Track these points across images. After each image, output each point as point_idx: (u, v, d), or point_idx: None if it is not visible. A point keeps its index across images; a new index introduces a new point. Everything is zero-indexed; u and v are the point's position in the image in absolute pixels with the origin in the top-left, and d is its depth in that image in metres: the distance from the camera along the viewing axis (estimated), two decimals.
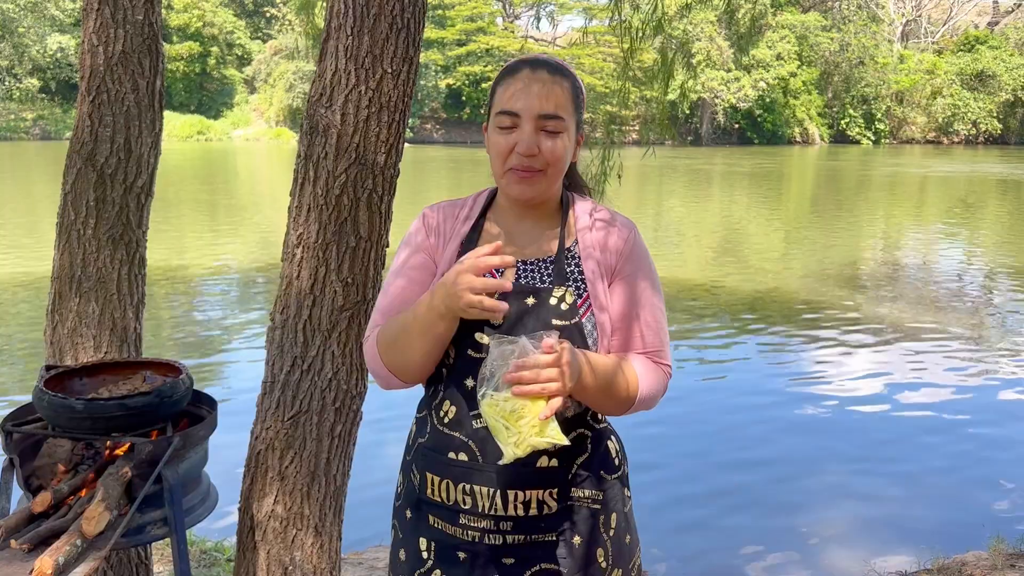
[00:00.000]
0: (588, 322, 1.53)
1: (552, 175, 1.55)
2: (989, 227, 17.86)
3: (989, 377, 7.12)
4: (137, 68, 2.41)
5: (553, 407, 1.34)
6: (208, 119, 45.47)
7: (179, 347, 7.60)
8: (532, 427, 1.33)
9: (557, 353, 1.35)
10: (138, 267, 2.53)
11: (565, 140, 1.53)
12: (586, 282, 1.56)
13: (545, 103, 1.51)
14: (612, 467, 1.62)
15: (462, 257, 1.43)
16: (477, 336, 1.50)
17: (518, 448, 1.34)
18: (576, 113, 1.56)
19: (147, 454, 1.87)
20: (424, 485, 1.58)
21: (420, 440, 1.61)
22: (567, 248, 1.60)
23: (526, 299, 1.52)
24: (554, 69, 1.55)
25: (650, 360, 1.59)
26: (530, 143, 1.50)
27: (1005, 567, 3.61)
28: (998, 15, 62.91)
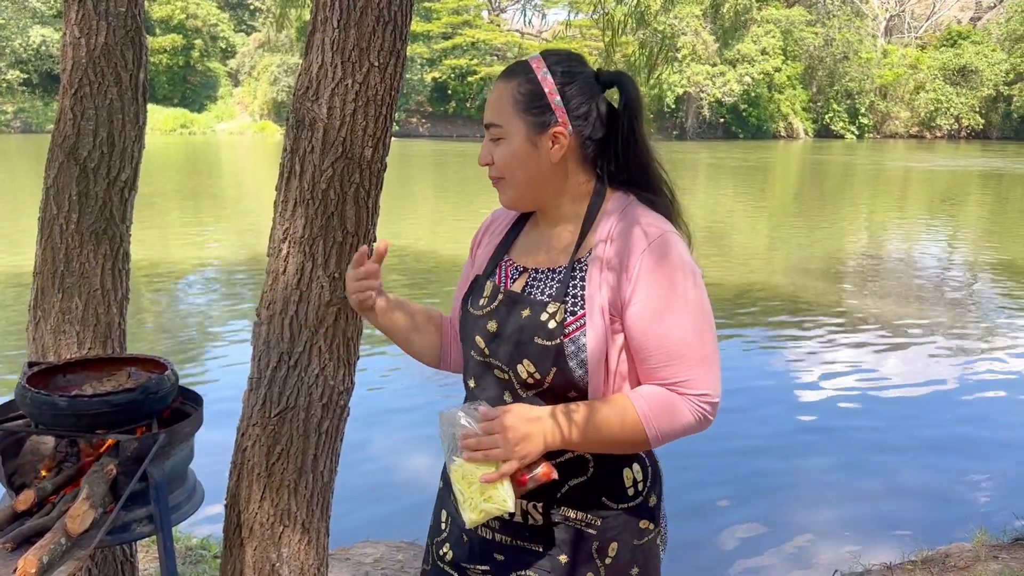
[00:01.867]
0: (573, 343, 1.42)
1: (513, 182, 1.52)
2: (971, 221, 18.00)
3: (972, 370, 7.18)
4: (120, 61, 2.38)
5: (497, 473, 1.36)
6: (192, 112, 45.16)
7: (165, 343, 7.55)
8: (479, 492, 1.36)
9: (491, 421, 1.38)
10: (122, 262, 2.50)
11: (508, 146, 1.50)
12: (584, 301, 1.45)
13: (488, 112, 1.52)
14: (622, 496, 1.50)
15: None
16: (477, 340, 1.55)
17: (473, 512, 1.38)
18: (527, 113, 1.47)
19: (132, 451, 1.85)
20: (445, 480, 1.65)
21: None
22: (579, 260, 1.49)
23: (522, 310, 1.48)
24: (508, 72, 1.53)
25: (671, 391, 1.42)
26: (482, 153, 1.54)
27: (988, 558, 3.65)
28: (980, 11, 63.31)
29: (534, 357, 1.45)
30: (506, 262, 1.61)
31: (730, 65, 47.10)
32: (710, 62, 46.61)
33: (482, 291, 1.58)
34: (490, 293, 1.56)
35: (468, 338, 1.57)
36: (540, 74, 1.49)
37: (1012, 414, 6.17)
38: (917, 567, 3.67)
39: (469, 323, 1.57)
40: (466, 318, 1.59)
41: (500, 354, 1.50)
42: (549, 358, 1.43)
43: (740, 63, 47.05)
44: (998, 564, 3.54)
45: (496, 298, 1.54)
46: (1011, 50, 51.82)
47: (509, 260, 1.61)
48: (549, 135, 1.48)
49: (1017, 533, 3.92)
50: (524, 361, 1.46)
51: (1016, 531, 3.95)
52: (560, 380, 1.44)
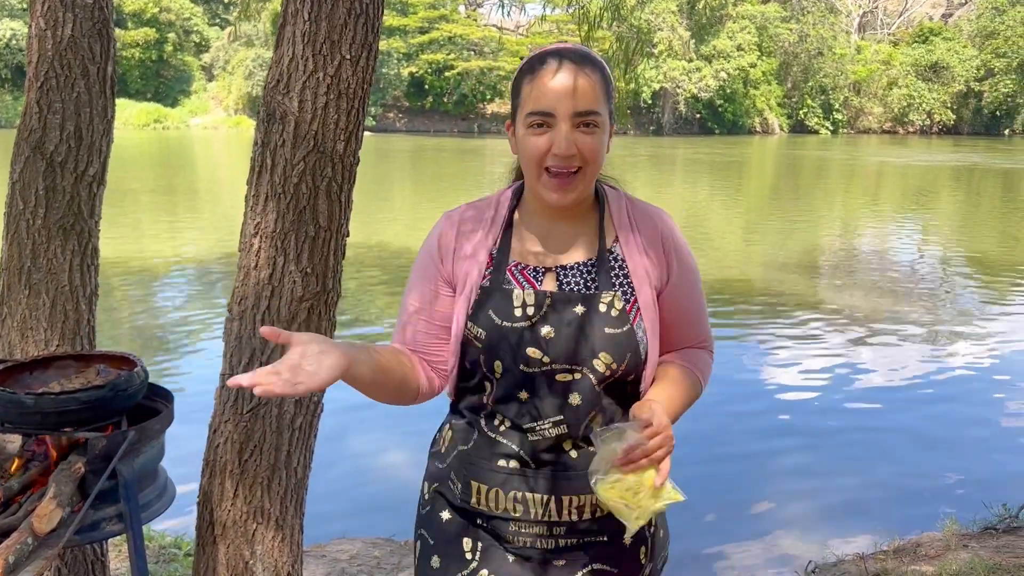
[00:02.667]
0: (639, 328, 1.47)
1: (590, 174, 1.46)
2: (944, 215, 18.23)
3: (944, 363, 7.27)
4: (87, 53, 2.34)
5: (664, 472, 1.36)
6: (165, 107, 44.64)
7: (138, 339, 7.47)
8: (650, 497, 1.36)
9: (656, 425, 1.36)
10: (91, 258, 2.47)
11: (602, 135, 1.44)
12: (632, 285, 1.49)
13: (579, 100, 1.40)
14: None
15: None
16: (530, 352, 1.45)
17: (640, 519, 1.37)
18: (608, 103, 1.46)
19: (101, 449, 1.83)
20: (468, 494, 1.53)
21: (462, 447, 1.55)
22: (608, 248, 1.52)
23: (574, 307, 1.46)
24: (582, 59, 1.44)
25: (700, 350, 1.62)
26: (568, 143, 1.40)
27: (958, 547, 3.70)
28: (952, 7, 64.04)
29: (610, 348, 1.45)
30: (516, 266, 1.52)
31: (706, 61, 47.32)
32: (686, 58, 46.80)
33: (510, 301, 1.47)
34: (532, 301, 1.47)
35: (507, 354, 1.46)
36: (606, 67, 1.48)
37: (982, 405, 6.25)
38: (889, 556, 3.71)
39: (506, 338, 1.46)
40: (497, 334, 1.46)
41: (568, 356, 1.45)
42: (624, 345, 1.45)
43: (716, 59, 47.28)
44: (968, 553, 3.59)
45: (543, 304, 1.47)
46: (981, 46, 52.49)
47: (519, 263, 1.52)
48: (612, 128, 1.50)
49: (986, 522, 3.98)
50: (601, 355, 1.45)
51: (985, 520, 4.01)
52: (631, 365, 1.47)
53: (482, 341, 1.48)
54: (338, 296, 2.26)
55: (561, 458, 1.48)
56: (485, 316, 1.48)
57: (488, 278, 1.51)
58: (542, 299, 1.47)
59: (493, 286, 1.50)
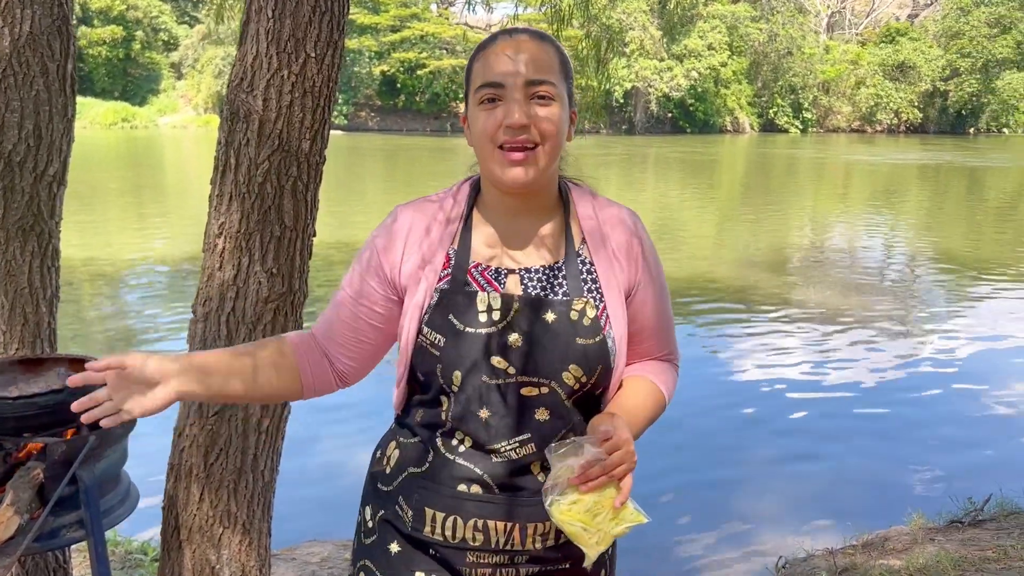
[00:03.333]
0: (608, 337, 1.37)
1: (549, 151, 1.32)
2: (911, 212, 18.48)
3: (911, 359, 7.37)
4: (46, 51, 2.29)
5: (626, 491, 1.27)
6: (133, 106, 44.04)
7: (105, 341, 7.35)
8: (610, 520, 1.27)
9: (616, 439, 1.26)
10: (51, 259, 2.42)
11: (558, 108, 1.32)
12: (602, 291, 1.39)
13: (532, 68, 1.30)
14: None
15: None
16: (495, 361, 1.33)
17: (601, 544, 1.27)
18: (566, 82, 1.36)
19: (60, 454, 1.79)
20: (421, 522, 1.38)
21: (413, 469, 1.40)
22: (577, 251, 1.41)
23: (544, 314, 1.34)
24: (535, 34, 1.36)
25: (665, 362, 1.52)
26: (520, 112, 1.29)
27: (925, 541, 3.74)
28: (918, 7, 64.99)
29: (581, 360, 1.34)
30: (476, 267, 1.39)
31: (677, 60, 47.60)
32: (658, 57, 47.04)
33: (473, 305, 1.35)
34: (499, 305, 1.35)
35: (467, 363, 1.33)
36: (562, 47, 1.39)
37: (948, 401, 6.34)
38: (858, 551, 3.75)
39: (469, 344, 1.33)
40: (458, 340, 1.34)
41: (535, 368, 1.33)
42: (595, 357, 1.35)
43: (687, 58, 47.58)
44: (934, 547, 3.64)
45: (511, 308, 1.34)
46: (947, 46, 53.34)
47: (479, 264, 1.39)
48: (571, 111, 1.40)
49: (952, 516, 4.03)
50: (571, 367, 1.33)
51: (951, 514, 4.06)
52: (601, 377, 1.37)
53: (440, 348, 1.34)
54: (305, 297, 2.24)
55: (528, 482, 1.35)
56: (444, 320, 1.35)
57: (446, 280, 1.38)
58: (509, 303, 1.35)
59: (453, 288, 1.37)
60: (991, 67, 52.16)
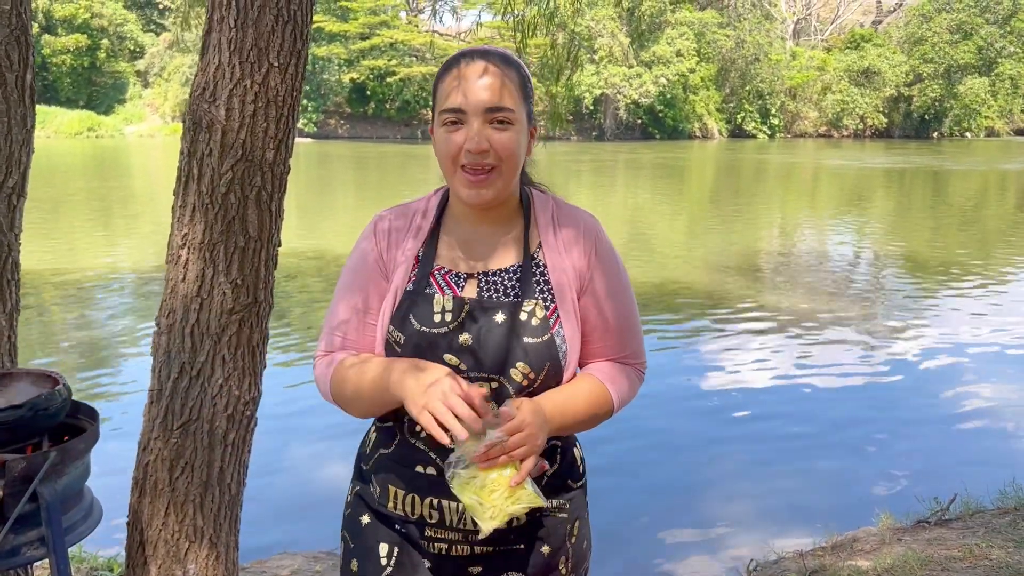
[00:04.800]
0: (557, 336, 1.46)
1: (507, 172, 1.44)
2: (877, 216, 18.74)
3: (878, 361, 7.46)
4: (4, 61, 2.26)
5: (524, 472, 1.33)
6: (98, 115, 43.49)
7: (71, 354, 7.24)
8: (506, 498, 1.33)
9: (518, 422, 1.34)
10: (11, 272, 2.38)
11: (516, 132, 1.43)
12: (554, 292, 1.48)
13: (491, 94, 1.41)
14: (577, 475, 1.60)
15: (443, 377, 1.34)
16: (446, 358, 1.44)
17: (495, 519, 1.33)
18: (526, 103, 1.46)
19: (20, 471, 1.76)
20: (385, 497, 1.53)
21: (383, 451, 1.54)
22: (532, 255, 1.51)
23: (494, 315, 1.45)
24: (499, 59, 1.45)
25: (622, 364, 1.56)
26: (479, 139, 1.40)
27: (893, 541, 3.79)
28: (881, 14, 66.05)
29: (528, 357, 1.43)
30: (440, 271, 1.52)
31: (646, 67, 47.93)
32: (626, 64, 47.35)
33: (431, 306, 1.47)
34: (451, 307, 1.46)
35: (425, 359, 1.44)
36: (524, 67, 1.48)
37: (915, 402, 6.43)
38: (827, 552, 3.78)
39: (424, 344, 1.45)
40: (416, 339, 1.46)
41: (484, 365, 1.44)
42: (543, 355, 1.44)
43: (656, 65, 47.93)
44: (902, 547, 3.68)
45: (462, 310, 1.46)
46: (910, 52, 54.24)
47: (442, 268, 1.52)
48: (531, 128, 1.50)
49: (919, 516, 4.09)
50: (518, 364, 1.43)
51: (918, 514, 4.12)
52: (550, 374, 1.45)
53: (401, 346, 1.47)
54: (270, 307, 2.22)
55: None
56: (405, 321, 1.48)
57: (412, 282, 1.51)
58: (460, 305, 1.46)
59: (416, 290, 1.50)
60: (953, 72, 53.13)
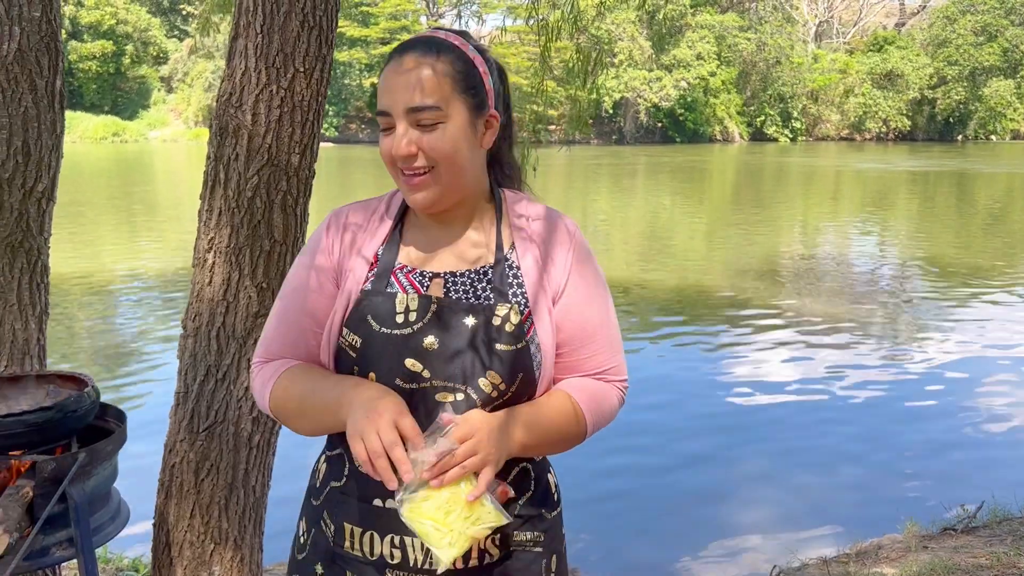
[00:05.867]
0: (532, 343, 1.32)
1: (447, 173, 1.30)
2: (901, 220, 18.56)
3: (903, 366, 7.39)
4: (35, 67, 2.29)
5: (482, 484, 1.18)
6: (123, 120, 44.03)
7: (96, 357, 7.32)
8: (464, 518, 1.17)
9: (466, 429, 1.20)
10: (40, 276, 2.41)
11: (449, 130, 1.28)
12: (528, 297, 1.34)
13: (412, 94, 1.27)
14: (552, 503, 1.44)
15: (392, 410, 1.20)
16: (408, 364, 1.29)
17: (454, 546, 1.17)
18: (465, 94, 1.30)
19: (50, 472, 1.78)
20: (340, 537, 1.36)
21: (334, 483, 1.38)
22: (505, 256, 1.37)
23: (464, 318, 1.30)
24: (424, 49, 1.30)
25: (598, 380, 1.41)
26: (404, 143, 1.28)
27: (919, 548, 3.74)
28: (904, 16, 65.53)
29: (500, 366, 1.29)
30: (402, 269, 1.37)
31: (666, 70, 47.80)
32: (647, 67, 47.24)
33: (392, 306, 1.32)
34: (416, 306, 1.31)
35: (382, 365, 1.30)
36: (469, 51, 1.34)
37: (940, 408, 6.35)
38: (851, 559, 3.74)
39: (383, 347, 1.30)
40: (374, 342, 1.31)
41: (449, 373, 1.29)
42: (516, 363, 1.30)
43: (676, 68, 47.78)
44: (928, 554, 3.64)
45: (428, 310, 1.30)
46: (934, 54, 53.73)
47: (404, 266, 1.37)
48: (484, 119, 1.34)
49: (945, 523, 4.04)
50: (488, 373, 1.29)
51: (945, 521, 4.07)
52: (522, 385, 1.32)
53: (357, 350, 1.31)
54: None
55: None
56: (363, 322, 1.32)
57: (370, 281, 1.36)
58: (427, 304, 1.31)
59: (375, 289, 1.34)
60: (978, 75, 52.58)
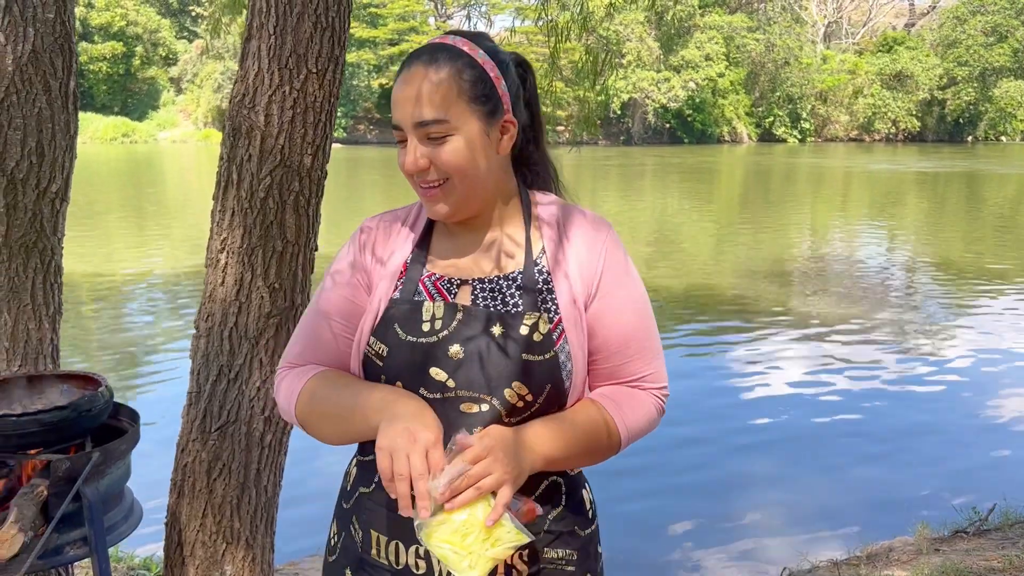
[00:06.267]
0: (562, 353, 1.29)
1: (462, 183, 1.28)
2: (910, 221, 18.49)
3: (913, 369, 7.36)
4: (49, 68, 2.31)
5: (499, 507, 1.14)
6: (133, 121, 44.22)
7: (107, 357, 7.36)
8: (483, 540, 1.14)
9: (479, 448, 1.15)
10: (54, 276, 2.42)
11: (459, 142, 1.26)
12: (558, 304, 1.30)
13: (417, 108, 1.25)
14: (586, 520, 1.39)
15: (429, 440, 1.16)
16: (433, 372, 1.27)
17: (474, 568, 1.14)
18: (474, 103, 1.27)
19: (64, 471, 1.79)
20: (368, 543, 1.34)
21: (363, 489, 1.36)
22: (535, 261, 1.33)
23: (491, 327, 1.27)
24: (429, 59, 1.27)
25: (635, 388, 1.36)
26: (413, 160, 1.26)
27: (930, 551, 3.73)
28: (914, 16, 65.27)
29: (526, 377, 1.26)
30: (430, 277, 1.35)
31: (674, 71, 47.73)
32: (655, 68, 47.19)
33: (419, 314, 1.30)
34: (442, 314, 1.29)
35: (408, 374, 1.28)
36: (479, 56, 1.30)
37: (951, 410, 6.33)
38: (862, 562, 3.73)
39: (409, 356, 1.28)
40: (400, 350, 1.29)
41: (475, 383, 1.26)
42: (544, 374, 1.27)
43: (684, 69, 47.71)
44: (939, 557, 3.63)
45: (454, 317, 1.29)
46: (944, 55, 53.49)
47: (433, 274, 1.36)
48: (499, 125, 1.31)
49: (957, 526, 4.02)
50: (514, 384, 1.26)
51: (956, 524, 4.05)
52: (551, 396, 1.28)
53: (383, 359, 1.30)
54: None
55: None
56: (390, 330, 1.30)
57: (399, 289, 1.35)
58: (452, 312, 1.29)
59: (403, 297, 1.33)
60: (988, 75, 52.31)
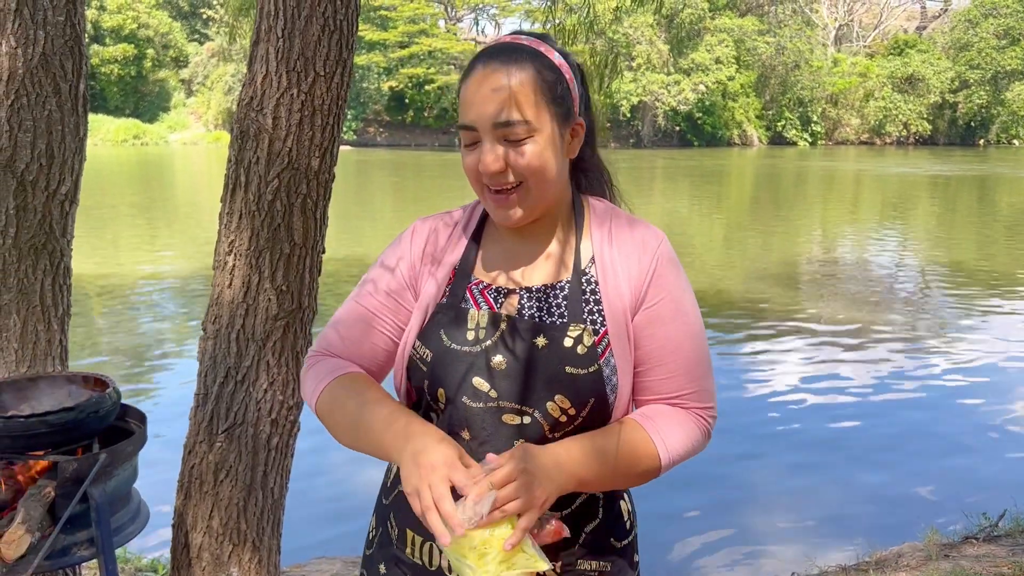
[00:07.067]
0: (607, 366, 1.26)
1: (536, 187, 1.25)
2: (921, 224, 18.40)
3: (923, 373, 7.32)
4: (59, 71, 2.32)
5: (519, 532, 1.12)
6: (144, 123, 44.42)
7: (116, 358, 7.38)
8: (499, 562, 1.13)
9: (507, 472, 1.13)
10: (63, 277, 2.43)
11: (537, 144, 1.23)
12: (605, 315, 1.27)
13: (496, 107, 1.21)
14: (623, 532, 1.38)
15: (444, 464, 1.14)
16: (476, 382, 1.26)
17: None
18: (552, 104, 1.25)
19: (71, 472, 1.80)
20: (403, 542, 1.35)
21: (401, 488, 1.31)
22: (583, 270, 1.31)
23: (535, 338, 1.25)
24: (509, 58, 1.24)
25: (678, 408, 1.32)
26: (491, 160, 1.23)
27: (939, 557, 3.70)
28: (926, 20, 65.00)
29: (569, 390, 1.24)
30: (477, 284, 1.33)
31: (684, 74, 47.66)
32: (665, 71, 47.13)
33: (464, 322, 1.29)
34: (486, 323, 1.28)
35: (451, 382, 1.27)
36: (555, 57, 1.27)
37: (961, 415, 6.29)
38: (871, 568, 3.71)
39: (452, 363, 1.27)
40: (445, 357, 1.28)
41: (517, 394, 1.25)
42: (587, 388, 1.24)
43: (694, 72, 47.64)
44: (949, 563, 3.60)
45: (497, 327, 1.27)
46: (955, 58, 53.25)
47: (480, 282, 1.34)
48: (570, 128, 1.29)
49: (967, 532, 3.99)
50: (557, 397, 1.24)
51: (966, 530, 4.02)
52: (595, 411, 1.26)
53: (427, 364, 1.29)
54: (314, 313, 2.25)
55: None
56: (435, 336, 1.30)
57: (447, 295, 1.33)
58: (497, 322, 1.28)
59: (450, 304, 1.32)
60: (1000, 79, 52.04)
